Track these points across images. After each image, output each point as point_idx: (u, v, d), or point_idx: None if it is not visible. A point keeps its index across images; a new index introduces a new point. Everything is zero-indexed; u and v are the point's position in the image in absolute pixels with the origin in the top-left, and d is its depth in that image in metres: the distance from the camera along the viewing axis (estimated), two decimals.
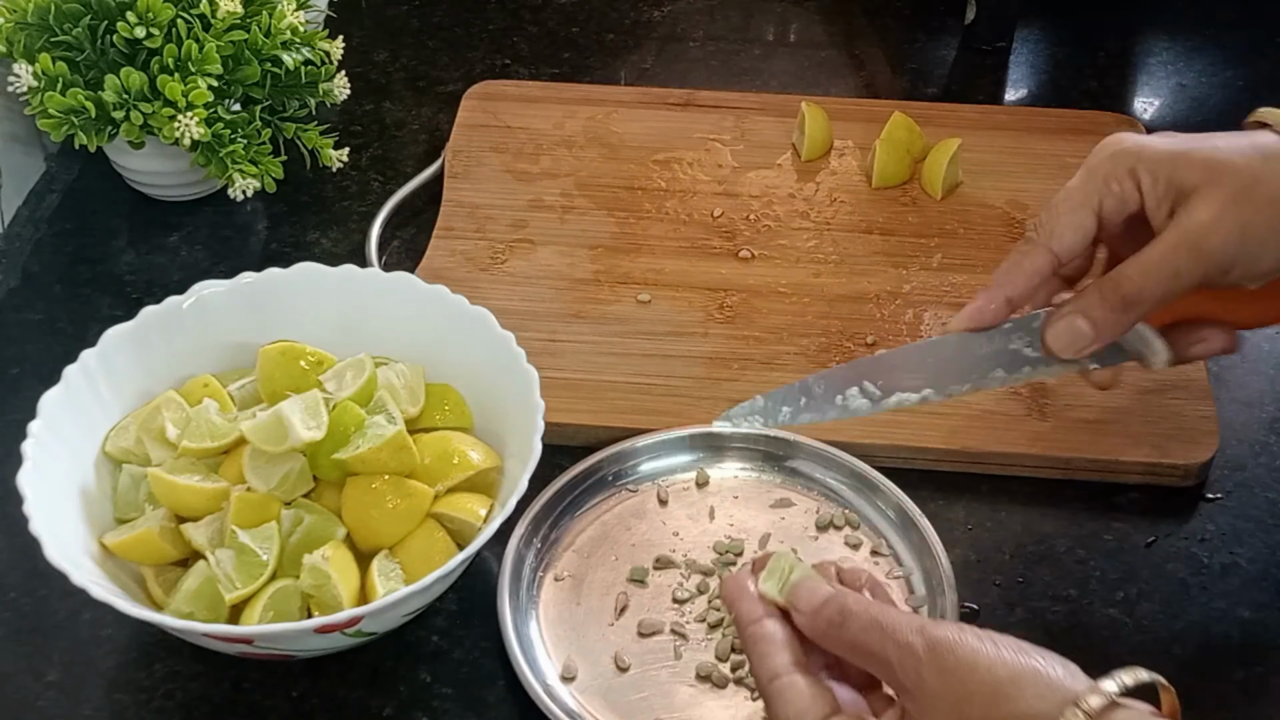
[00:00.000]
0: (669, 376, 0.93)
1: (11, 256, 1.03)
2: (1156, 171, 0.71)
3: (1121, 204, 0.72)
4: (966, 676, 0.60)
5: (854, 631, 0.64)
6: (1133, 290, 0.71)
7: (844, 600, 0.65)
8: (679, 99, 1.14)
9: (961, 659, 0.61)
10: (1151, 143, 0.72)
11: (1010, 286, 0.74)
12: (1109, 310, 0.71)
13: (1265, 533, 0.87)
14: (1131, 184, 0.72)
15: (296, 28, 1.01)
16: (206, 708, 0.78)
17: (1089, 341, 0.72)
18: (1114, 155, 0.72)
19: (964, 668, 0.60)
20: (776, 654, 0.66)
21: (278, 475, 0.78)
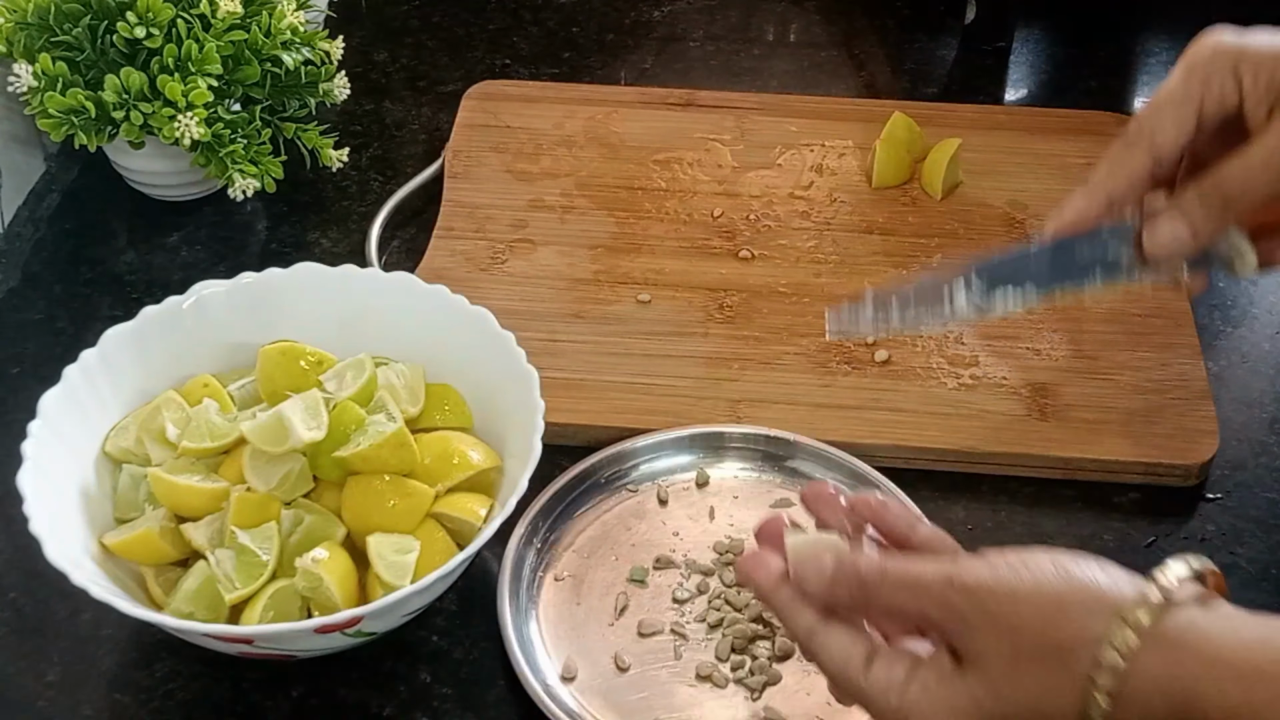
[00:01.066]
0: (669, 376, 0.93)
1: (11, 256, 1.03)
2: (1259, 70, 0.70)
3: (1222, 103, 0.71)
4: (1011, 614, 0.59)
5: (885, 597, 0.63)
6: (1233, 190, 0.70)
7: (855, 570, 0.63)
8: (679, 99, 1.14)
9: (1002, 598, 0.60)
10: (1254, 40, 0.71)
11: (1110, 188, 0.72)
12: (1210, 211, 0.70)
13: (1265, 533, 0.87)
14: (1233, 82, 0.70)
15: (296, 28, 1.01)
16: (206, 708, 0.78)
17: (1188, 244, 0.71)
18: (1215, 53, 0.71)
19: (1006, 606, 0.59)
20: (803, 611, 0.64)
21: (278, 475, 0.78)
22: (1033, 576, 0.60)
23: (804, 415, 0.90)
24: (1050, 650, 0.58)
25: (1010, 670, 0.59)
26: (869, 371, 0.93)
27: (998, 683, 0.59)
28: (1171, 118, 0.72)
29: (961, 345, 0.95)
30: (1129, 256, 0.73)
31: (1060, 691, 0.58)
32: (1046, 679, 0.59)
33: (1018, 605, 0.59)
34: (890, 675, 0.62)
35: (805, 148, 1.10)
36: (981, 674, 0.60)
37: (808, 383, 0.93)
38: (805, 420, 0.90)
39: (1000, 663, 0.59)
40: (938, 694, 0.60)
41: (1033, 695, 0.59)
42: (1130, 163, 0.72)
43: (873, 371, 0.93)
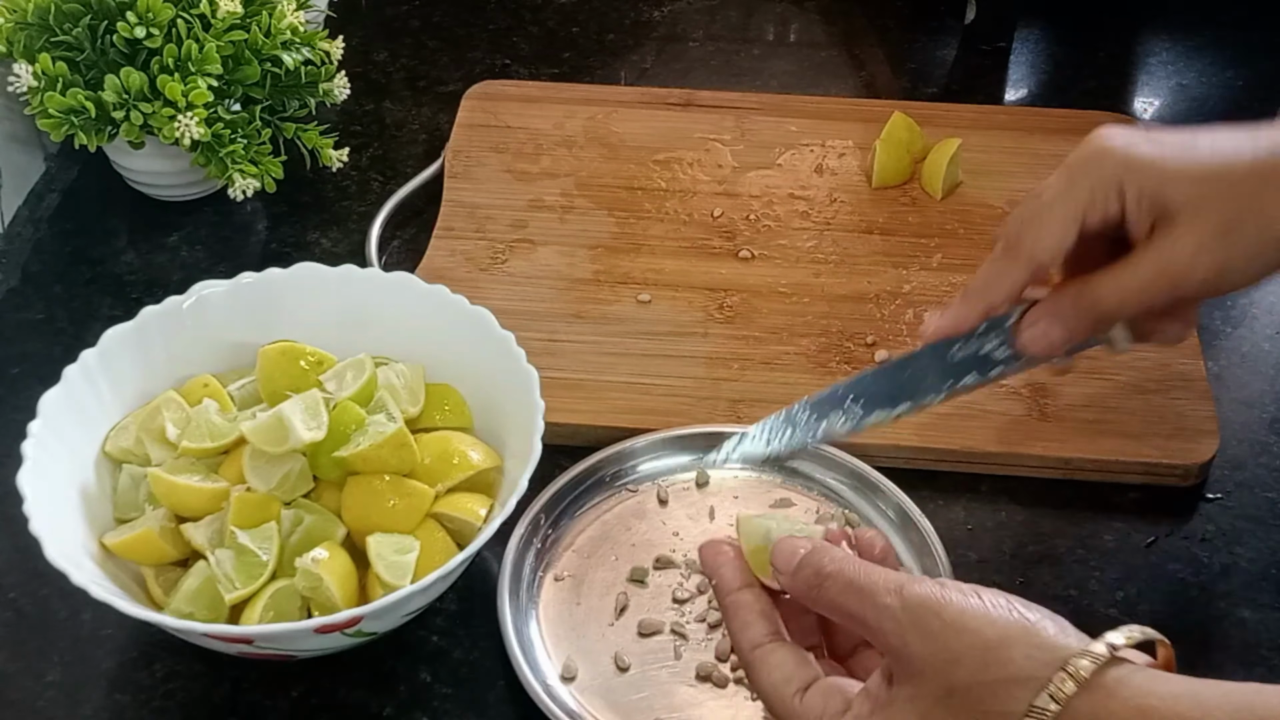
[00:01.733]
0: (669, 376, 0.93)
1: (11, 256, 1.03)
2: (1143, 186, 0.69)
3: (1104, 214, 0.70)
4: (953, 640, 0.59)
5: (832, 594, 0.63)
6: (1109, 308, 0.71)
7: (820, 561, 0.64)
8: (679, 99, 1.14)
9: (947, 621, 0.59)
10: (1140, 150, 0.70)
11: (990, 300, 0.73)
12: (1083, 321, 0.71)
13: (1265, 533, 0.87)
14: (1116, 196, 0.70)
15: (296, 28, 1.01)
16: (206, 708, 0.78)
17: (1062, 344, 0.72)
18: (1099, 166, 0.70)
19: (950, 630, 0.59)
20: (755, 623, 0.66)
21: (278, 475, 0.78)
22: (983, 607, 0.60)
23: None
24: (984, 687, 0.58)
25: (942, 700, 0.59)
26: None
27: (928, 712, 0.59)
28: (1052, 229, 0.71)
29: None
30: (1005, 351, 0.74)
31: None
32: (977, 714, 0.58)
33: (962, 634, 0.59)
34: (824, 704, 0.62)
35: (805, 148, 1.10)
36: (912, 699, 0.60)
37: (808, 383, 0.93)
38: None
39: (933, 691, 0.59)
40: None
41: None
42: (1009, 274, 0.72)
43: None
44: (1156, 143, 0.70)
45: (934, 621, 0.60)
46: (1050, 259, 0.72)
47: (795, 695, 0.63)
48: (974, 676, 0.58)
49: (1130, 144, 0.70)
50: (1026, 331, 0.73)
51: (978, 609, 0.60)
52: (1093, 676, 0.57)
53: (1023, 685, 0.57)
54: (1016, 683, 0.58)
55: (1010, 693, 0.57)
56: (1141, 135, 0.71)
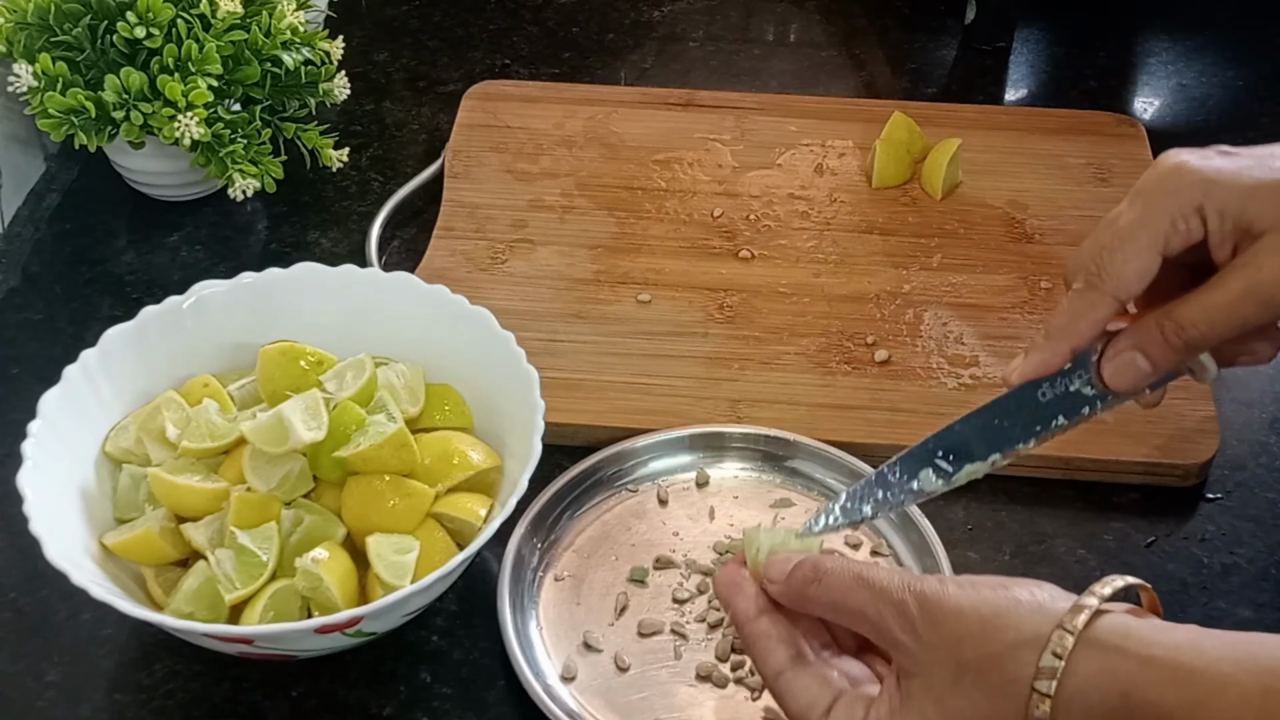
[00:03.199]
0: (669, 376, 0.93)
1: (11, 256, 1.03)
2: (1225, 209, 0.67)
3: (1187, 241, 0.68)
4: (956, 623, 0.62)
5: (836, 591, 0.65)
6: (1196, 335, 0.68)
7: (818, 560, 0.66)
8: (679, 99, 1.14)
9: (948, 607, 0.62)
10: (1217, 167, 0.67)
11: (1076, 337, 0.70)
12: (1169, 351, 0.69)
13: (1265, 533, 0.87)
14: (1198, 220, 0.67)
15: (296, 28, 1.01)
16: (206, 708, 0.78)
17: (1149, 378, 0.70)
18: (1178, 189, 0.67)
19: (951, 615, 0.62)
20: (775, 650, 0.67)
21: (278, 475, 0.78)
22: (976, 592, 0.63)
23: (804, 415, 0.90)
24: (990, 659, 0.61)
25: (954, 681, 0.61)
26: (869, 371, 0.93)
27: (943, 697, 0.62)
28: (1135, 258, 0.68)
29: (961, 345, 0.95)
30: (1091, 389, 0.71)
31: (1002, 698, 0.60)
32: (988, 687, 0.61)
33: (961, 617, 0.62)
34: (850, 715, 0.64)
35: (805, 148, 1.10)
36: (926, 689, 0.62)
37: (808, 383, 0.93)
38: (805, 420, 0.90)
39: (944, 675, 0.62)
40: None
41: (976, 704, 0.61)
42: (1095, 309, 0.69)
43: (873, 371, 0.93)
44: (1232, 158, 0.68)
45: (936, 610, 0.62)
46: (1136, 290, 0.69)
47: (822, 717, 0.65)
48: (980, 650, 0.61)
49: (1206, 162, 0.68)
50: (1111, 365, 0.70)
51: (973, 593, 0.63)
52: (1090, 629, 0.59)
53: (1025, 648, 0.60)
54: (1019, 646, 0.60)
55: (1016, 657, 0.60)
56: (1214, 152, 0.69)
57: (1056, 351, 0.71)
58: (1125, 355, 0.69)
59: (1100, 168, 1.08)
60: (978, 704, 0.61)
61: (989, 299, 0.99)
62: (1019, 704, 0.60)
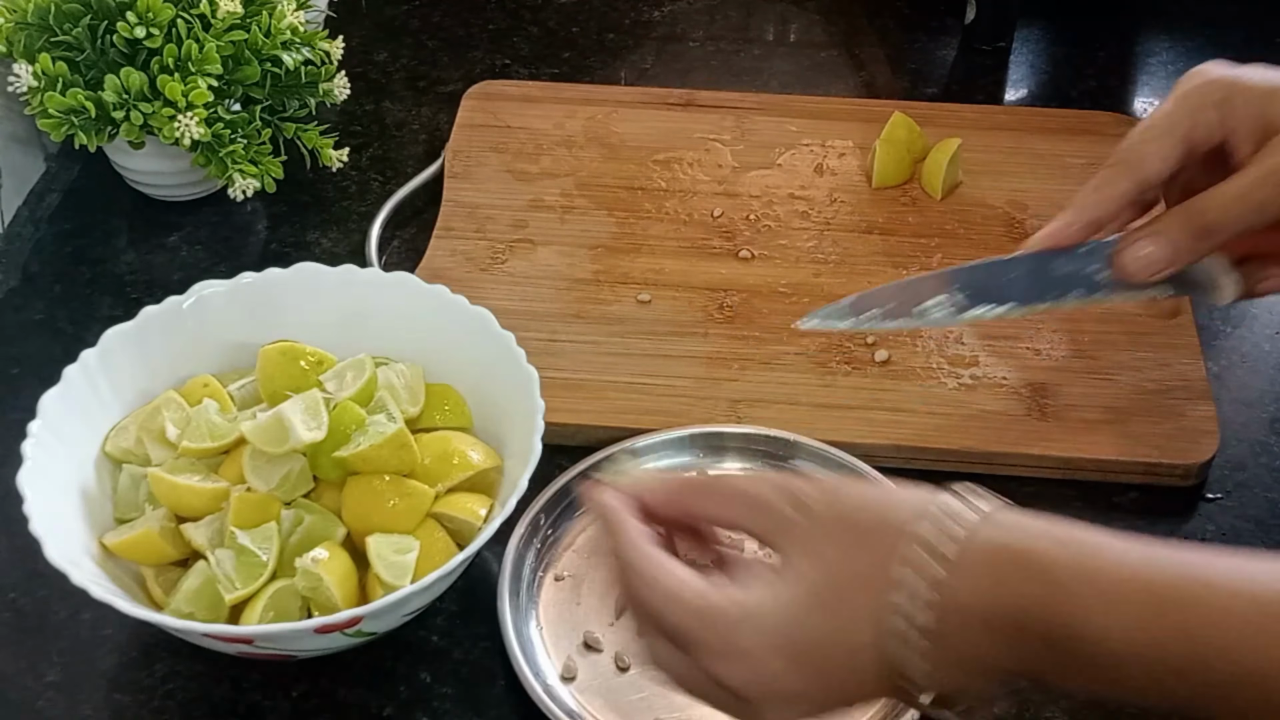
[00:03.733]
0: (669, 376, 0.93)
1: (11, 256, 1.03)
2: (1248, 105, 0.71)
3: (1209, 134, 0.72)
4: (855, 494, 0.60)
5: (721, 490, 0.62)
6: (1214, 219, 0.71)
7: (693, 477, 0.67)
8: (679, 99, 1.14)
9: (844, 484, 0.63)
10: (1245, 75, 0.72)
11: (1094, 209, 0.74)
12: (1187, 236, 0.71)
13: (1265, 533, 0.87)
14: (1220, 115, 0.71)
15: (296, 28, 1.01)
16: (206, 708, 0.78)
17: (1163, 266, 0.72)
18: (1206, 85, 0.72)
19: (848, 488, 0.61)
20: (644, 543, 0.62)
21: (278, 475, 0.78)
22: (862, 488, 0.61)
23: (804, 415, 0.90)
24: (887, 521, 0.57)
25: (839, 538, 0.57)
26: (869, 371, 0.93)
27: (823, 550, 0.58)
28: (1158, 145, 0.73)
29: (961, 345, 0.95)
30: (1106, 274, 0.74)
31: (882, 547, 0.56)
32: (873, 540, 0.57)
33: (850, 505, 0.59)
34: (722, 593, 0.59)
35: (805, 148, 1.10)
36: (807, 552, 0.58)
37: (808, 383, 0.93)
38: (805, 420, 0.90)
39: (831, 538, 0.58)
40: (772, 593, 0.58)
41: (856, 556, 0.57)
42: (1115, 187, 0.74)
43: (873, 371, 0.93)
44: (1259, 70, 0.72)
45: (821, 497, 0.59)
46: (1156, 173, 0.73)
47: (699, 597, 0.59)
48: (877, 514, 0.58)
49: (1235, 71, 0.73)
50: (1128, 249, 0.73)
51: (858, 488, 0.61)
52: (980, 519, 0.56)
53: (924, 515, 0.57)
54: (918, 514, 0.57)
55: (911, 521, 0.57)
56: (1245, 66, 0.73)
57: (1075, 221, 0.74)
58: (1142, 240, 0.73)
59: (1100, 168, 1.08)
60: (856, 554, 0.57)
61: None
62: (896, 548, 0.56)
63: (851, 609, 0.57)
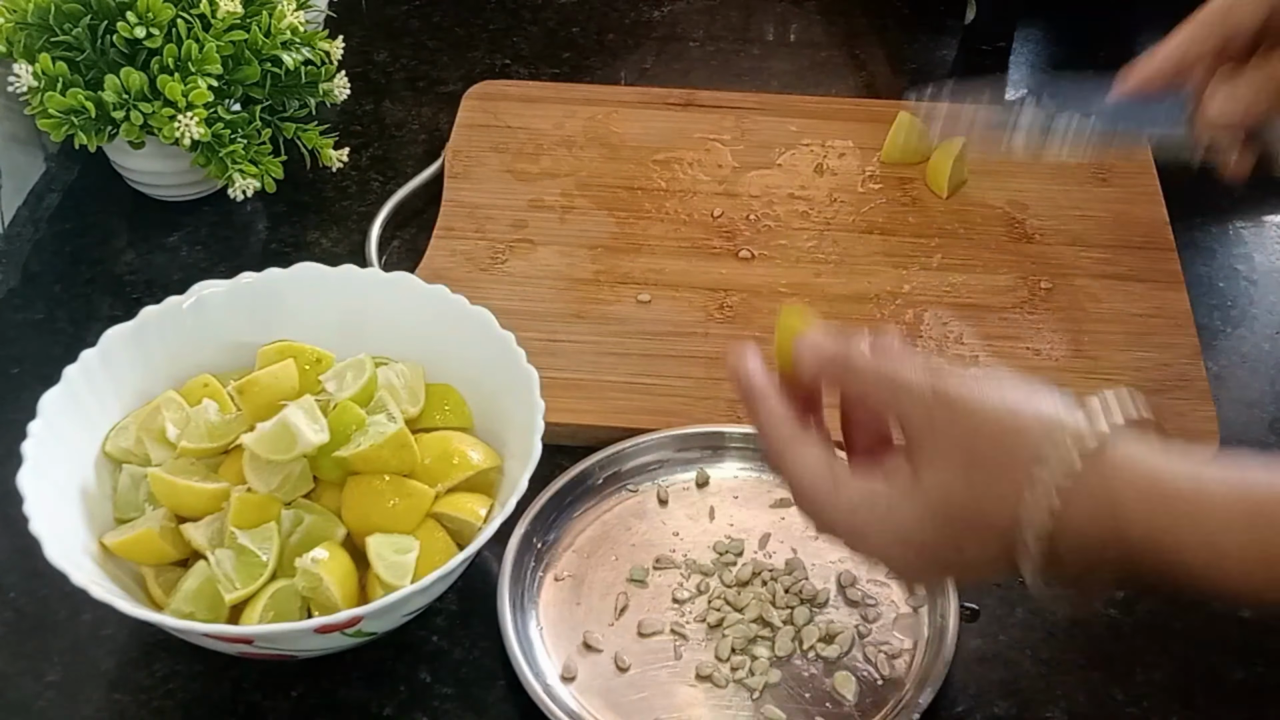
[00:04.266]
0: (669, 376, 0.93)
1: (11, 256, 1.03)
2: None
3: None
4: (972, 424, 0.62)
5: (867, 384, 0.65)
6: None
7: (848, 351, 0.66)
8: (679, 99, 1.14)
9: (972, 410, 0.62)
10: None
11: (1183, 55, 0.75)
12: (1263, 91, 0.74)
13: None
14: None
15: (296, 28, 1.01)
16: (206, 708, 0.78)
17: (1237, 120, 0.75)
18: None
19: (974, 418, 0.62)
20: (783, 420, 0.67)
21: (278, 476, 0.78)
22: (1000, 396, 0.63)
23: None
24: (1001, 464, 0.61)
25: (963, 473, 0.61)
26: None
27: (950, 484, 0.62)
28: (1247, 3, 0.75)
29: (961, 345, 0.95)
30: (1183, 123, 0.76)
31: (1004, 497, 0.60)
32: (993, 485, 0.61)
33: (983, 419, 0.62)
34: (859, 494, 0.64)
35: (805, 148, 1.10)
36: (936, 476, 0.62)
37: None
38: None
39: (954, 466, 0.62)
40: (900, 507, 0.63)
41: (980, 498, 0.61)
42: (1204, 35, 0.75)
43: None
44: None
45: (960, 411, 0.62)
46: (1246, 25, 0.75)
47: (830, 491, 0.65)
48: (992, 449, 0.61)
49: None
50: (1206, 99, 0.74)
51: (994, 398, 0.62)
52: (1101, 450, 0.59)
53: (1037, 463, 0.60)
54: (1031, 461, 0.60)
55: (1027, 469, 0.60)
56: None
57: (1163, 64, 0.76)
58: (1221, 93, 0.75)
59: (1100, 168, 1.08)
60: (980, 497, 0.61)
61: (989, 299, 0.99)
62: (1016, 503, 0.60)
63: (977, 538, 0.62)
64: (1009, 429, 0.61)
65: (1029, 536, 0.59)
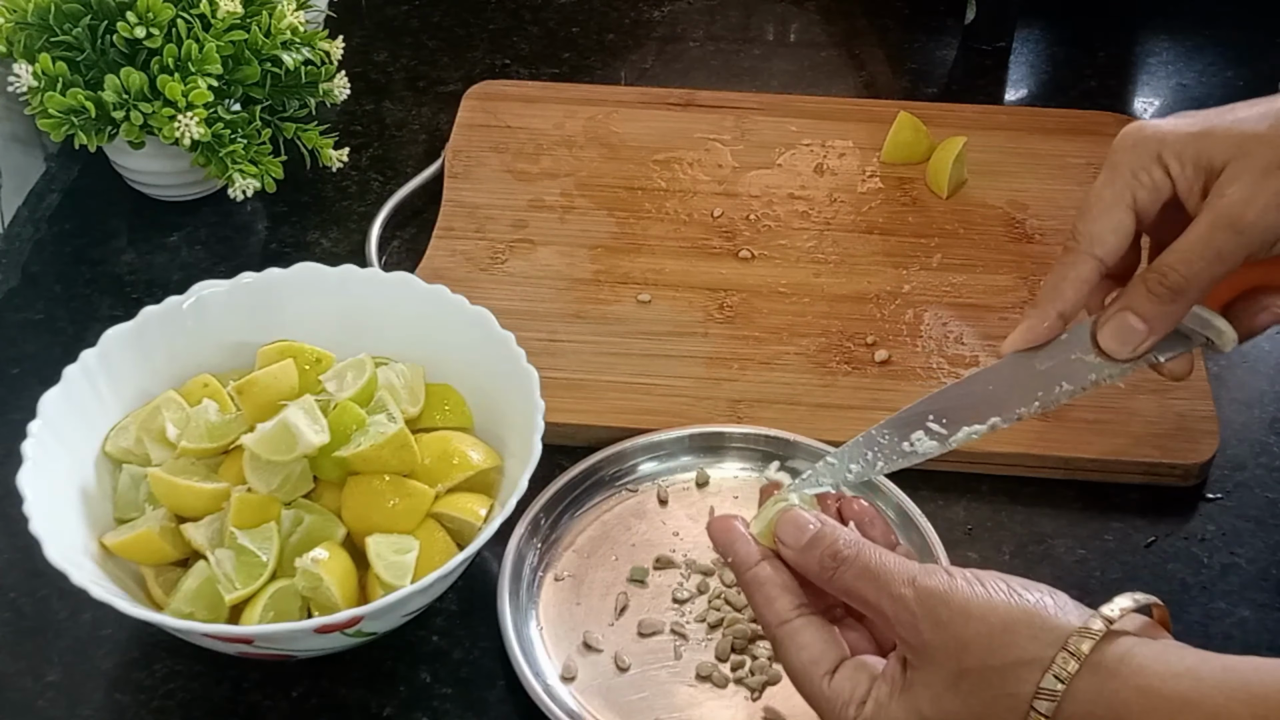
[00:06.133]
0: (669, 376, 0.93)
1: (11, 256, 1.03)
2: (1183, 154, 0.69)
3: (1155, 194, 0.70)
4: (961, 628, 0.61)
5: (848, 579, 0.65)
6: (1177, 279, 0.68)
7: (835, 543, 0.66)
8: (679, 99, 1.14)
9: (955, 610, 0.62)
10: (1171, 126, 0.70)
11: (1060, 301, 0.71)
12: (1157, 303, 0.69)
13: (1265, 533, 0.87)
14: (1160, 171, 0.70)
15: (296, 28, 1.01)
16: (206, 708, 0.78)
17: (1143, 337, 0.70)
18: (1135, 145, 0.70)
19: (958, 619, 0.62)
20: (780, 598, 0.66)
21: (278, 476, 0.78)
22: (987, 595, 0.62)
23: (804, 415, 0.90)
24: (993, 671, 0.61)
25: (953, 684, 0.62)
26: (869, 371, 0.93)
27: (940, 696, 0.62)
28: (1105, 222, 0.70)
29: (961, 345, 0.95)
30: (1092, 358, 0.72)
31: (999, 710, 0.61)
32: (986, 697, 0.61)
33: (969, 622, 0.62)
34: (852, 688, 0.64)
35: (805, 148, 1.10)
36: (926, 683, 0.62)
37: (808, 383, 0.93)
38: (805, 420, 0.90)
39: (944, 675, 0.62)
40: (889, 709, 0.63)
41: (972, 710, 0.61)
42: (1076, 274, 0.71)
43: (873, 371, 0.93)
44: (1187, 116, 0.71)
45: (943, 611, 0.62)
46: (1112, 245, 0.71)
47: (824, 678, 0.64)
48: (983, 661, 0.61)
49: (1161, 122, 0.71)
50: (1105, 328, 0.71)
51: (982, 596, 0.62)
52: (1093, 654, 0.59)
53: (1028, 667, 0.60)
54: (1022, 665, 0.60)
55: (1018, 675, 0.60)
56: (1170, 116, 0.72)
57: (1043, 317, 0.72)
58: (1117, 316, 0.71)
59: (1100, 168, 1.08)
60: (973, 710, 0.61)
61: (989, 299, 0.99)
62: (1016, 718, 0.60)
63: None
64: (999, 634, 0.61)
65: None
